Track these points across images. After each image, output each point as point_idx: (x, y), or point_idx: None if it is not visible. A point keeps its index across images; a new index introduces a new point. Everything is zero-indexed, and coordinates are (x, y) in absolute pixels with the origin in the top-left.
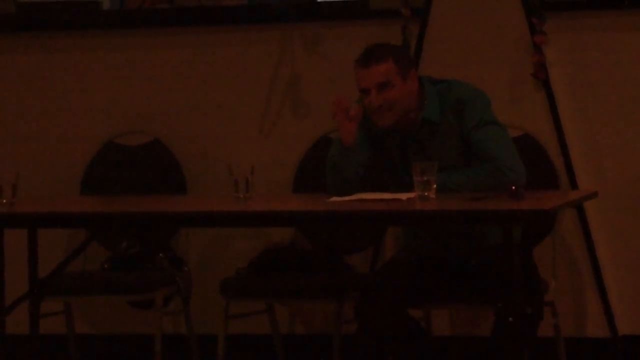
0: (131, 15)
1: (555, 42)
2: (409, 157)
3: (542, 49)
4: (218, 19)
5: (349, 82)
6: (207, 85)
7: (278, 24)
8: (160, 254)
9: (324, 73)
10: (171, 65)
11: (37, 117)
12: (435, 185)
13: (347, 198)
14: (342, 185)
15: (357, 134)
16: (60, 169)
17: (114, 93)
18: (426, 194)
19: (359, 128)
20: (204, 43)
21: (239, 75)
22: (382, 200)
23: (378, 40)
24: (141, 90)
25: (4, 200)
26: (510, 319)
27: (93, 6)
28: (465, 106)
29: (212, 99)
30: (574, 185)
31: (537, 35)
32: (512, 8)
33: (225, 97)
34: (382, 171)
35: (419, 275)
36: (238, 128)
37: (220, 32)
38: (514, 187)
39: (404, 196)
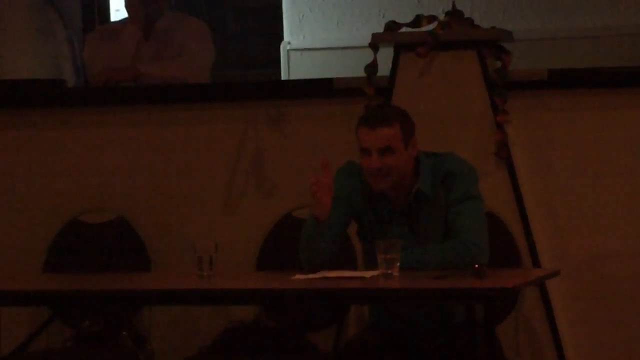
0: (95, 93)
1: (518, 121)
2: (393, 229)
3: (504, 128)
4: (182, 97)
5: (313, 159)
6: (171, 162)
7: (242, 102)
8: (124, 332)
9: (289, 151)
10: (135, 142)
11: None
12: (398, 263)
13: (310, 276)
14: (315, 261)
15: (330, 208)
16: (23, 246)
17: (77, 170)
18: (389, 271)
19: (342, 199)
20: (167, 121)
21: (203, 152)
22: (345, 278)
23: (341, 118)
24: (104, 168)
25: None
26: None
27: (57, 84)
28: (455, 179)
29: (176, 176)
30: (536, 263)
31: (499, 114)
32: (475, 87)
33: (189, 175)
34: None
35: (382, 354)
36: (202, 205)
37: (184, 110)
38: (477, 265)
39: (367, 274)
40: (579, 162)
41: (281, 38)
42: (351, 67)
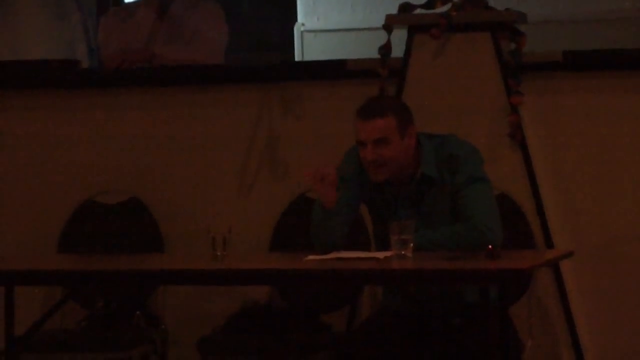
0: (109, 75)
1: (532, 102)
2: (399, 212)
3: (518, 110)
4: (196, 79)
5: (326, 141)
6: (185, 144)
7: (256, 84)
8: (137, 312)
9: (302, 133)
10: (149, 124)
11: (15, 174)
12: (412, 244)
13: (323, 256)
14: (327, 245)
15: (336, 196)
16: (38, 226)
17: (92, 151)
18: (403, 252)
19: (352, 180)
20: (181, 103)
21: (218, 134)
22: (358, 258)
23: (355, 100)
24: (119, 149)
25: None
26: None
27: (72, 65)
28: (459, 161)
29: (190, 157)
30: (549, 244)
31: (513, 95)
32: (489, 69)
33: (204, 156)
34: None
35: (396, 335)
36: (216, 186)
37: (198, 92)
38: (490, 247)
39: (380, 255)
40: (593, 143)
41: (295, 20)
42: (365, 49)
